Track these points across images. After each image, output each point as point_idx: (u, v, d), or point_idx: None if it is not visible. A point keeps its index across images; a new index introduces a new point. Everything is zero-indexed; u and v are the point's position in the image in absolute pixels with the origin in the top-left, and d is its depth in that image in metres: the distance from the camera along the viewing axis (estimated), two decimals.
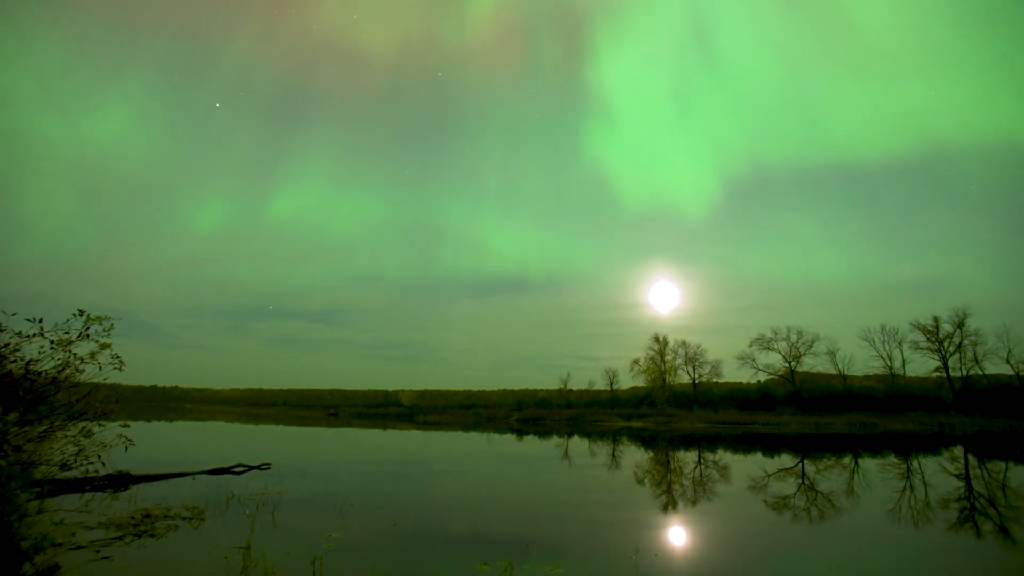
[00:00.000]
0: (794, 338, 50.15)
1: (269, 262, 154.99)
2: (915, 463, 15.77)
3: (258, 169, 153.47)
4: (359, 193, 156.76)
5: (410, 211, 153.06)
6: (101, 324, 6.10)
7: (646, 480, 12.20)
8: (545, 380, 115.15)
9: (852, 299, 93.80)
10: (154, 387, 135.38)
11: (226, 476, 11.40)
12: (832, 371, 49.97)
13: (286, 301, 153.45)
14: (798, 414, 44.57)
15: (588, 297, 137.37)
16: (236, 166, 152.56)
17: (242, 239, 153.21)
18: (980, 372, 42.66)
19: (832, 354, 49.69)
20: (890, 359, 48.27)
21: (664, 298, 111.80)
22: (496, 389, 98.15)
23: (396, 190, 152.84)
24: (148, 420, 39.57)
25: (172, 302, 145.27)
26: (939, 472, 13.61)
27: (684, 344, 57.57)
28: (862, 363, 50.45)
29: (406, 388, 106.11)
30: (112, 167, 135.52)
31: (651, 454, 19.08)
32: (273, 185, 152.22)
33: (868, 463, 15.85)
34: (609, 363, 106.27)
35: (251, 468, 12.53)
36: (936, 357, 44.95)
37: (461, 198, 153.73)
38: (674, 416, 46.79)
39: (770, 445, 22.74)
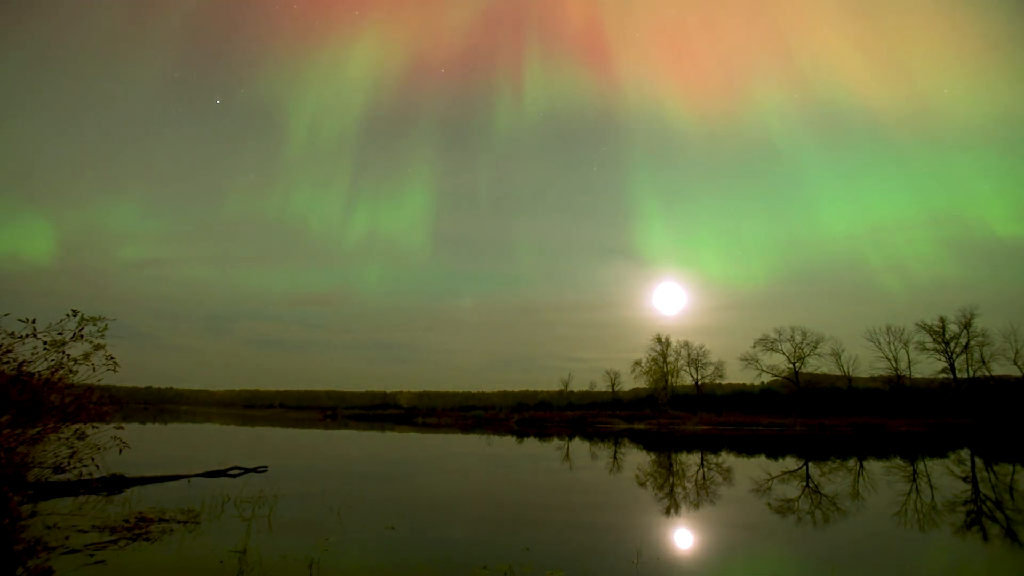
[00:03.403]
0: (798, 339, 49.71)
1: (245, 261, 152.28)
2: (921, 466, 15.59)
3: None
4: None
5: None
6: (95, 325, 6.02)
7: (648, 483, 12.07)
8: (545, 381, 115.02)
9: (855, 297, 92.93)
10: (149, 388, 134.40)
11: (222, 479, 11.31)
12: (837, 372, 49.49)
13: (269, 301, 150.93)
14: (802, 416, 44.29)
15: (586, 297, 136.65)
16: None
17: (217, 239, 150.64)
18: (987, 373, 42.37)
19: (837, 355, 49.20)
20: (896, 360, 47.78)
21: (664, 298, 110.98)
22: (496, 391, 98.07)
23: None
24: (143, 422, 39.51)
25: (146, 303, 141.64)
26: (946, 475, 13.45)
27: (686, 345, 56.86)
28: (867, 364, 49.61)
29: (404, 390, 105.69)
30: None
31: (653, 457, 18.94)
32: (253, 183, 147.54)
33: (874, 466, 15.70)
34: (608, 364, 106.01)
35: (247, 471, 12.45)
36: (942, 358, 44.59)
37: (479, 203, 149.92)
38: (677, 418, 46.60)
39: (774, 448, 22.56)
